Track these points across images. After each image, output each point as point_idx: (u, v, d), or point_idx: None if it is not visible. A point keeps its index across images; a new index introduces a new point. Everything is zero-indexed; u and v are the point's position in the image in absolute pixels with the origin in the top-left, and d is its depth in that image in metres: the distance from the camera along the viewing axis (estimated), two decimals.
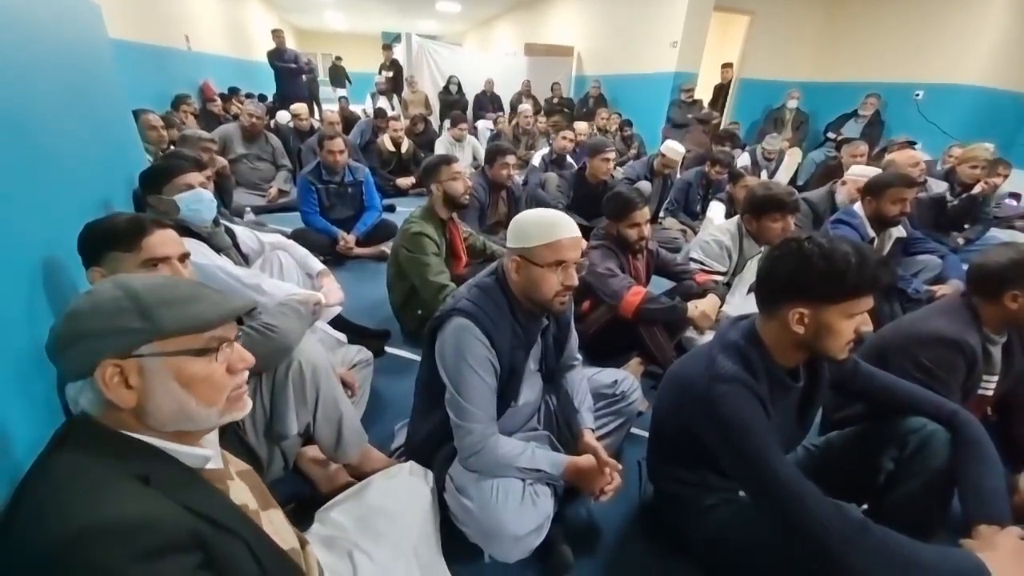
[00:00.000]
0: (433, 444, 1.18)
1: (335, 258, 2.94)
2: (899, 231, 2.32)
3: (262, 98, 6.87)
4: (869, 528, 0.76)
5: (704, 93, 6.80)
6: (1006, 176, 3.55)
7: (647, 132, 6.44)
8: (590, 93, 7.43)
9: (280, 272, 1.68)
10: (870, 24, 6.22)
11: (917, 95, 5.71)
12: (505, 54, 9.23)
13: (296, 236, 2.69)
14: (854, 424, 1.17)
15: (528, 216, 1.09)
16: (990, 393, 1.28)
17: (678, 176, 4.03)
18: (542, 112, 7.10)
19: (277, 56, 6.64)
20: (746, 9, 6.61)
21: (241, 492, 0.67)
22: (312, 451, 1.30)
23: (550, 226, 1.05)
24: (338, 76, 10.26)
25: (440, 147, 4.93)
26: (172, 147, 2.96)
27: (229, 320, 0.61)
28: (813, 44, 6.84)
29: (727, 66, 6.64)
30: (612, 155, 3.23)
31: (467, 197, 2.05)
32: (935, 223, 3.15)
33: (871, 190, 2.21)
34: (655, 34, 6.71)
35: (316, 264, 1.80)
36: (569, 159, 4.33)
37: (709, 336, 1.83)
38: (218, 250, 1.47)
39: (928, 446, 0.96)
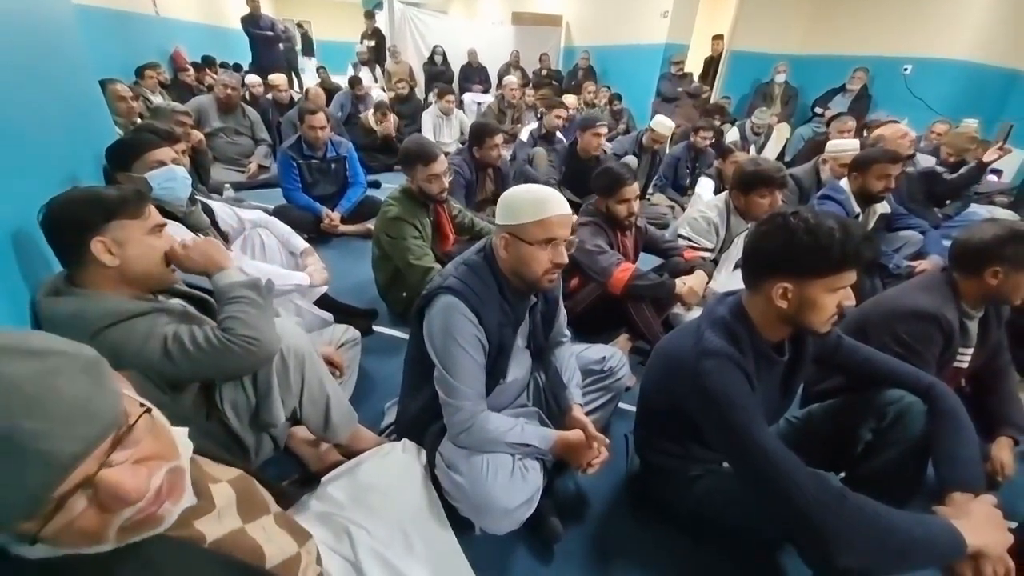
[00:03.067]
0: (423, 422, 1.19)
1: (320, 236, 2.88)
2: (883, 207, 2.35)
3: (237, 68, 6.56)
4: (846, 496, 0.79)
5: (694, 66, 6.69)
6: (979, 157, 3.58)
7: (636, 106, 6.34)
8: (579, 65, 7.26)
9: (262, 252, 1.63)
10: None
11: (905, 69, 5.68)
12: (492, 23, 8.92)
13: (278, 213, 2.63)
14: (833, 397, 1.21)
15: (518, 193, 1.07)
16: (965, 365, 1.32)
17: (667, 151, 4.00)
18: (530, 84, 6.93)
19: (252, 23, 6.31)
20: None
21: (220, 520, 0.60)
22: (302, 432, 1.29)
23: (540, 203, 1.03)
24: (303, 44, 9.82)
25: (427, 121, 4.78)
26: (142, 120, 2.82)
27: (51, 491, 0.41)
28: (804, 15, 6.72)
29: (718, 38, 6.52)
30: (603, 130, 3.17)
31: (444, 194, 1.95)
32: (927, 195, 3.17)
33: (857, 166, 2.22)
34: (646, 3, 6.54)
35: (300, 242, 1.75)
36: (558, 134, 4.26)
37: (696, 312, 1.85)
38: (196, 230, 1.42)
39: (905, 417, 0.99)
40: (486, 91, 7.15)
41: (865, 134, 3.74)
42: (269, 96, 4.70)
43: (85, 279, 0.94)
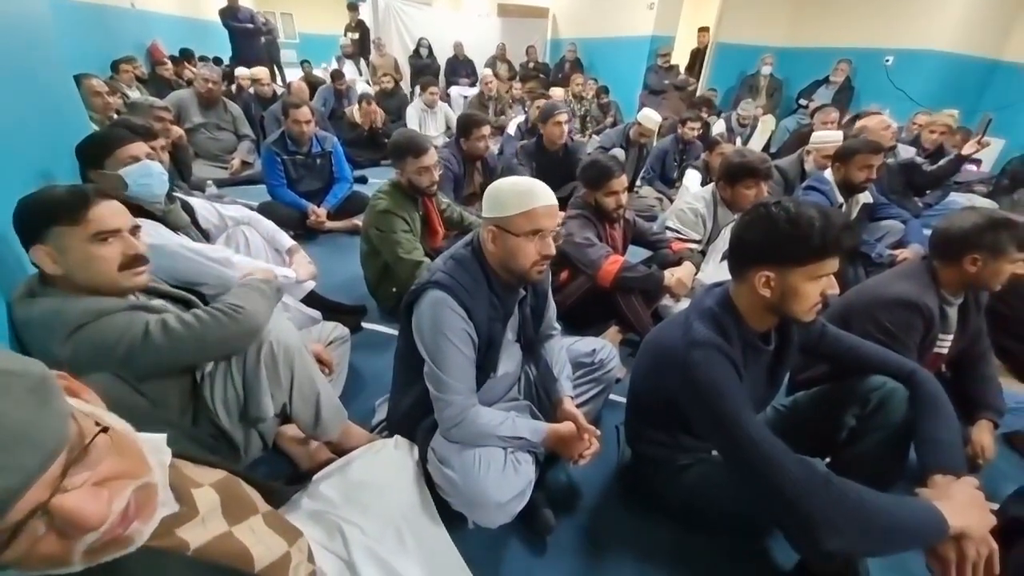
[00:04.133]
0: (414, 418, 1.18)
1: (306, 233, 2.85)
2: (866, 197, 2.39)
3: (217, 61, 6.42)
4: (832, 481, 0.81)
5: (681, 58, 6.71)
6: (958, 147, 3.66)
7: (624, 98, 6.34)
8: (566, 57, 7.23)
9: (247, 249, 1.61)
10: None
11: (887, 61, 5.76)
12: (478, 15, 8.83)
13: (263, 210, 2.58)
14: (819, 384, 1.23)
15: (503, 185, 1.06)
16: (945, 351, 1.35)
17: (654, 144, 4.01)
18: (517, 77, 6.89)
19: (231, 15, 6.16)
20: None
21: (204, 525, 0.58)
22: (291, 430, 1.28)
23: (526, 195, 1.03)
24: None
25: (411, 114, 4.73)
26: (119, 116, 2.75)
27: (15, 502, 0.39)
28: (788, 7, 6.76)
29: (703, 30, 6.53)
30: (564, 117, 2.95)
31: (435, 187, 1.94)
32: (907, 186, 3.23)
33: (840, 157, 2.26)
34: None
35: (286, 239, 1.73)
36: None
37: (685, 303, 1.86)
38: (175, 229, 1.38)
39: (888, 403, 1.01)
40: (473, 84, 7.08)
41: (854, 123, 3.79)
42: (251, 90, 4.60)
43: (55, 281, 0.92)
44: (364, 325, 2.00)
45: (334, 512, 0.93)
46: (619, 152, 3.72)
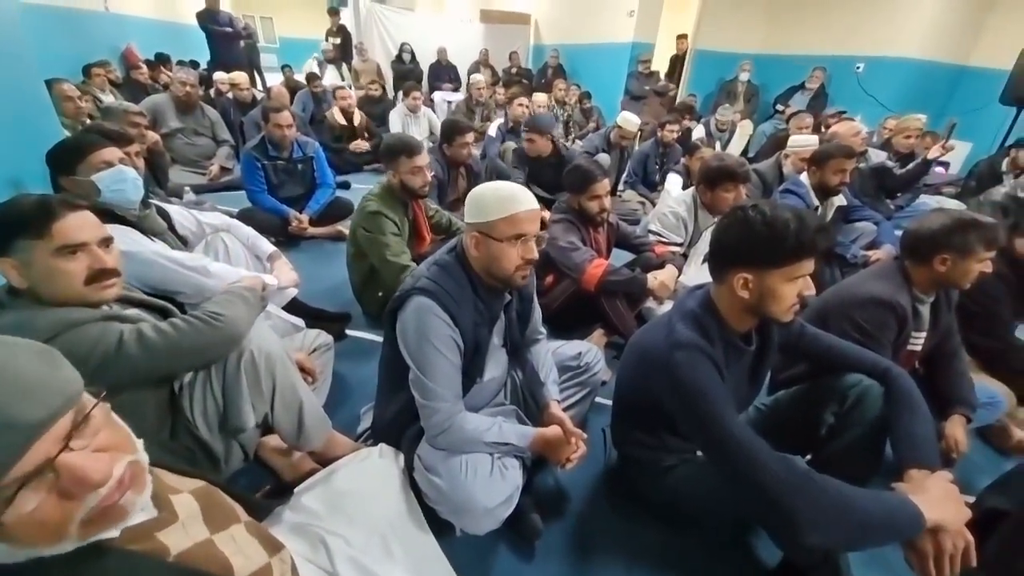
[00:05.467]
0: (399, 425, 1.17)
1: (288, 239, 2.81)
2: (840, 199, 2.46)
3: (194, 65, 6.30)
4: (813, 478, 0.82)
5: (661, 65, 6.83)
6: (928, 148, 3.80)
7: (606, 104, 6.42)
8: (548, 63, 7.29)
9: (226, 256, 1.57)
10: None
11: (858, 68, 5.96)
12: (460, 21, 8.86)
13: (243, 217, 2.54)
14: (799, 383, 1.25)
15: (485, 190, 1.06)
16: (919, 348, 1.39)
17: (635, 148, 4.06)
18: (500, 83, 6.92)
19: (209, 18, 6.06)
20: None
21: (185, 530, 0.58)
22: (273, 441, 1.26)
23: (508, 200, 1.03)
24: None
25: (394, 119, 4.71)
26: (92, 120, 2.68)
27: (17, 457, 0.41)
28: (764, 16, 6.94)
29: (682, 37, 6.67)
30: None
31: (427, 188, 1.94)
32: (878, 189, 3.33)
33: (815, 161, 2.33)
34: (612, 3, 6.63)
35: (266, 246, 1.70)
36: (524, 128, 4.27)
37: (668, 305, 1.88)
38: (150, 235, 1.35)
39: (864, 400, 1.04)
40: (456, 89, 7.09)
41: (823, 130, 3.91)
42: (230, 95, 4.53)
43: (24, 292, 0.89)
44: (348, 332, 1.98)
45: (318, 524, 0.91)
46: (604, 157, 3.76)
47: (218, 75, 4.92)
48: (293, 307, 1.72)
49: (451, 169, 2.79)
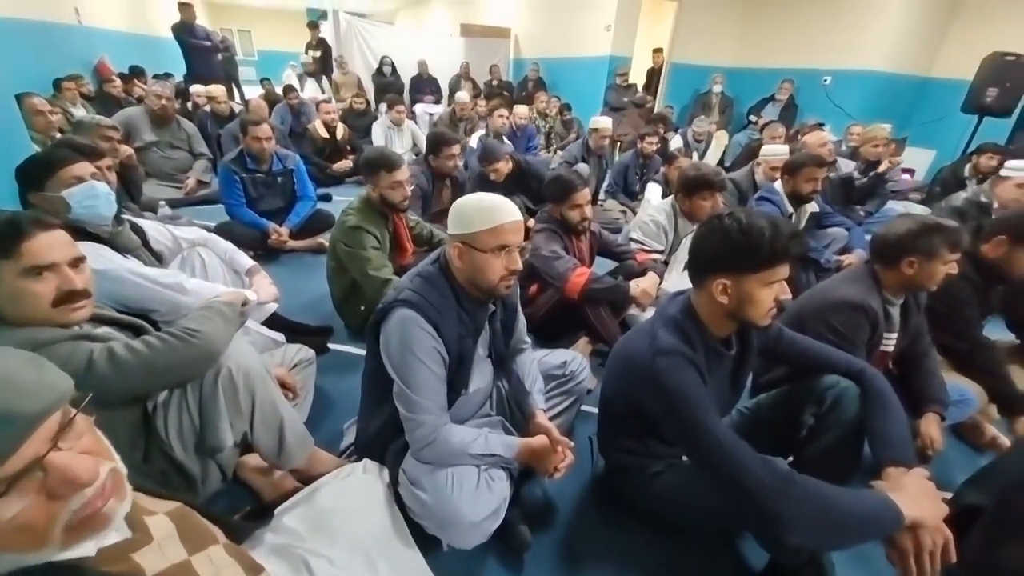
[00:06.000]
0: (384, 440, 1.15)
1: (268, 253, 2.76)
2: (813, 206, 2.55)
3: (167, 77, 6.21)
4: (795, 479, 0.84)
5: (638, 77, 6.99)
6: (896, 155, 3.99)
7: (586, 116, 6.51)
8: (529, 76, 7.40)
9: (203, 272, 1.54)
10: (785, 12, 6.64)
11: (825, 80, 6.20)
12: (440, 34, 8.95)
13: (221, 230, 2.50)
14: (779, 386, 1.28)
15: (468, 202, 1.07)
16: (891, 349, 1.43)
17: (609, 151, 4.13)
18: (481, 95, 6.99)
19: (185, 31, 5.99)
20: None
21: (161, 551, 0.57)
22: (253, 460, 1.22)
23: (491, 211, 1.03)
24: None
25: (377, 132, 4.71)
26: (63, 135, 2.61)
27: (8, 454, 0.42)
28: (735, 31, 7.20)
29: (658, 51, 6.85)
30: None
31: (407, 202, 1.93)
32: (844, 199, 3.47)
33: (788, 170, 2.42)
34: (590, 17, 6.79)
35: (245, 260, 1.67)
36: (506, 140, 4.31)
37: (651, 312, 1.91)
38: (124, 252, 1.31)
39: (841, 401, 1.06)
40: (438, 101, 7.13)
41: (799, 139, 4.05)
42: (207, 108, 4.47)
43: None
44: (330, 346, 1.94)
45: (300, 545, 0.88)
46: (583, 167, 3.82)
47: (195, 88, 4.87)
48: (273, 322, 1.69)
49: (436, 181, 2.78)
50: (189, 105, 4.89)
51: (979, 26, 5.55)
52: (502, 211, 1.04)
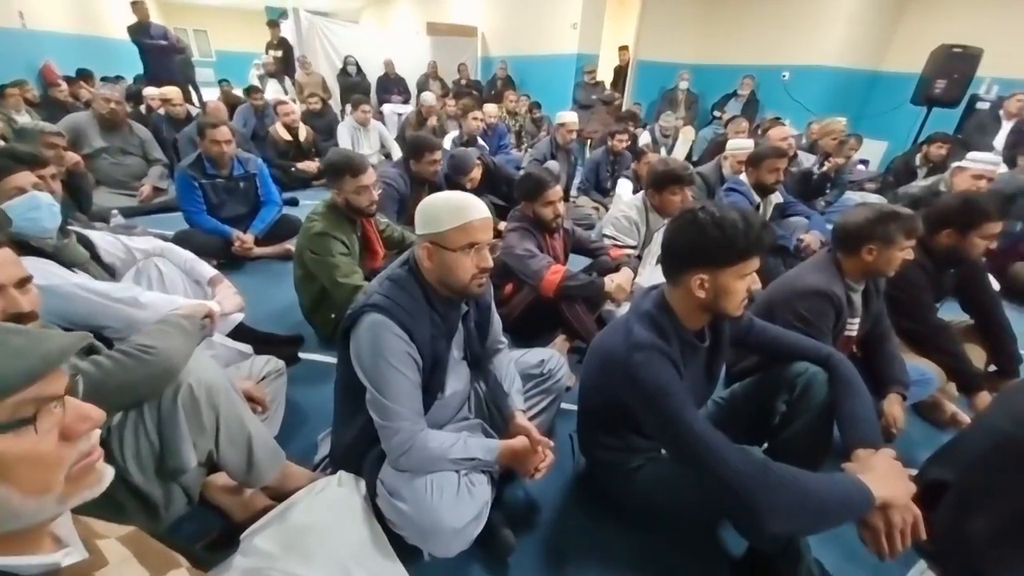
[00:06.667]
0: (359, 450, 1.12)
1: (232, 261, 2.66)
2: (777, 197, 2.62)
3: (119, 80, 5.91)
4: (770, 467, 0.85)
5: (605, 75, 7.07)
6: (855, 149, 4.18)
7: (555, 114, 6.55)
8: (497, 75, 7.38)
9: (160, 283, 1.46)
10: (744, 9, 6.84)
11: (784, 76, 6.42)
12: (406, 33, 8.83)
13: (180, 239, 2.39)
14: (752, 374, 1.30)
15: (435, 200, 1.04)
16: (855, 334, 1.49)
17: (578, 147, 4.16)
18: (450, 94, 6.93)
19: (142, 32, 5.72)
20: None
21: (120, 573, 0.55)
22: (221, 479, 1.16)
23: (459, 209, 1.01)
24: None
25: (343, 133, 4.60)
26: (5, 143, 2.44)
27: (46, 371, 0.45)
28: (698, 28, 7.37)
29: (624, 48, 6.94)
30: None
31: (374, 207, 1.86)
32: (804, 192, 3.60)
33: (752, 162, 2.50)
34: (556, 15, 6.82)
35: (206, 269, 1.59)
36: (481, 141, 4.29)
37: (627, 307, 1.92)
38: (71, 266, 1.23)
39: (811, 387, 1.09)
40: (406, 101, 7.03)
41: (760, 133, 4.17)
42: (162, 111, 4.27)
43: None
44: (301, 355, 1.88)
45: (273, 566, 0.85)
46: (553, 164, 3.83)
47: (148, 90, 4.64)
48: (240, 333, 1.61)
49: (415, 185, 2.68)
50: (142, 108, 4.65)
51: (927, 20, 5.85)
52: (470, 208, 1.02)
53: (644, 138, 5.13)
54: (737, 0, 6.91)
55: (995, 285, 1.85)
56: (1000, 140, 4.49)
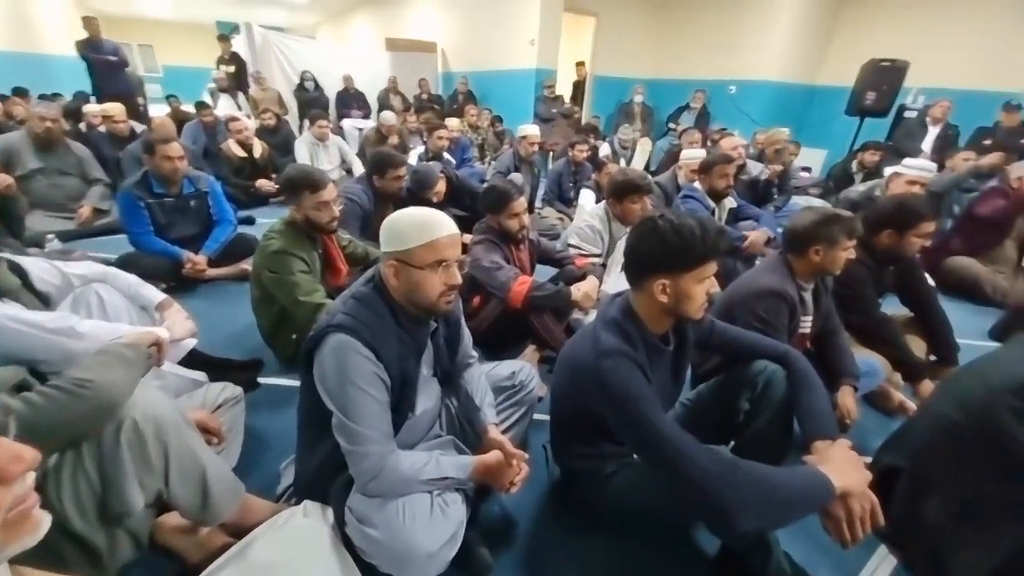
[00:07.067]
0: (326, 477, 1.07)
1: (184, 284, 2.52)
2: (731, 202, 2.75)
3: (56, 97, 5.57)
4: (738, 465, 0.87)
5: (564, 89, 7.25)
6: (795, 155, 4.45)
7: (516, 127, 6.67)
8: (458, 89, 7.43)
9: (101, 311, 1.36)
10: (693, 26, 7.23)
11: (731, 89, 6.79)
12: (365, 49, 8.77)
13: (125, 263, 2.26)
14: (716, 375, 1.34)
15: (401, 217, 1.03)
16: (808, 330, 1.56)
17: (539, 158, 4.22)
18: (412, 109, 6.91)
19: (91, 48, 5.45)
20: (591, 11, 7.20)
21: None
22: (173, 519, 1.08)
23: (426, 226, 1.00)
24: None
25: (301, 149, 4.49)
26: None
27: None
28: (651, 44, 7.72)
29: (581, 64, 7.15)
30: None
31: (335, 223, 1.82)
32: (753, 199, 3.79)
33: (702, 170, 2.64)
34: (514, 32, 6.96)
35: (153, 294, 1.50)
36: (447, 155, 4.28)
37: (594, 315, 1.95)
38: (0, 296, 1.13)
39: (771, 384, 1.13)
40: (366, 116, 6.96)
41: (710, 144, 4.37)
42: (103, 128, 4.04)
43: None
44: (261, 380, 1.79)
45: None
46: (517, 177, 3.87)
47: (88, 107, 4.39)
48: (193, 360, 1.52)
49: (380, 202, 2.62)
50: (82, 126, 4.38)
51: (856, 36, 6.35)
52: (437, 225, 1.01)
53: (604, 150, 5.27)
54: (686, 18, 7.30)
55: (930, 280, 1.99)
56: (928, 144, 4.90)
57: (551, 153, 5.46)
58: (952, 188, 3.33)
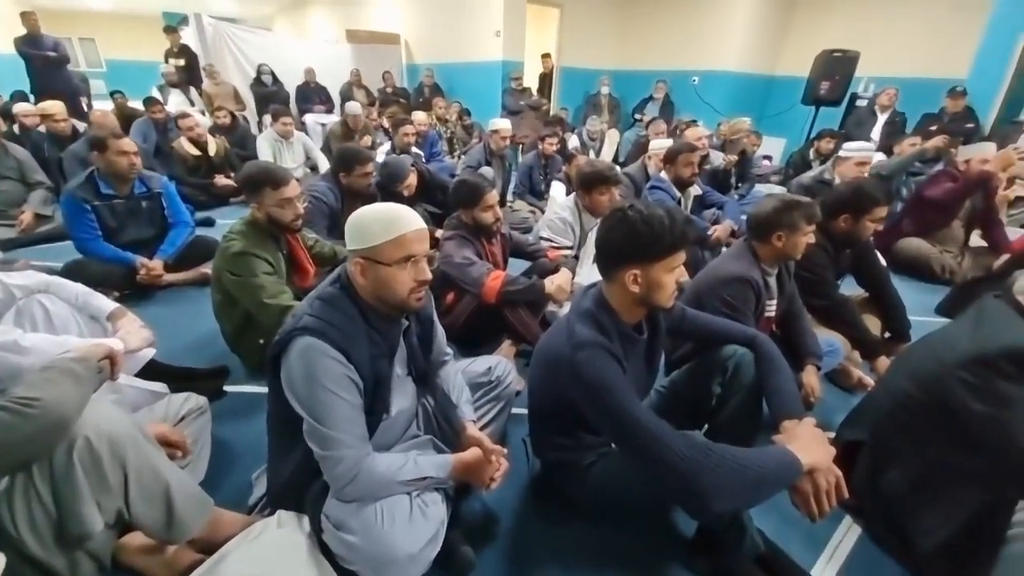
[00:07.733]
0: (300, 484, 1.04)
1: (139, 291, 2.39)
2: (696, 190, 2.82)
3: None
4: (712, 449, 0.89)
5: (532, 81, 7.24)
6: (757, 145, 4.59)
7: (485, 120, 6.59)
8: (424, 82, 7.29)
9: (47, 324, 1.28)
10: (655, 18, 7.33)
11: (694, 80, 6.93)
12: (325, 41, 8.48)
13: (72, 271, 2.13)
14: (689, 361, 1.37)
15: (366, 213, 1.00)
16: (773, 314, 1.62)
17: (509, 152, 4.21)
18: (377, 103, 6.74)
19: (29, 44, 5.08)
20: (555, 2, 7.18)
21: None
22: (137, 539, 1.03)
23: (392, 221, 0.98)
24: None
25: (263, 147, 4.31)
26: None
27: None
28: (614, 36, 7.78)
29: (546, 56, 7.15)
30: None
31: (299, 221, 1.75)
32: (716, 188, 3.90)
33: (668, 159, 2.71)
34: (479, 23, 6.88)
35: (104, 303, 1.41)
36: (415, 149, 4.20)
37: (568, 307, 1.96)
38: None
39: (740, 367, 1.16)
40: (329, 111, 6.75)
41: (678, 133, 4.45)
42: (41, 128, 3.77)
43: None
44: (227, 388, 1.72)
45: None
46: (487, 170, 3.84)
47: (20, 106, 4.07)
48: (152, 370, 1.45)
49: (347, 199, 2.53)
50: (15, 127, 4.08)
51: (810, 28, 6.58)
52: (404, 220, 0.99)
53: (573, 141, 5.30)
54: (648, 9, 7.39)
55: (882, 261, 2.09)
56: (876, 131, 5.14)
57: (521, 146, 5.45)
58: (900, 171, 3.50)
